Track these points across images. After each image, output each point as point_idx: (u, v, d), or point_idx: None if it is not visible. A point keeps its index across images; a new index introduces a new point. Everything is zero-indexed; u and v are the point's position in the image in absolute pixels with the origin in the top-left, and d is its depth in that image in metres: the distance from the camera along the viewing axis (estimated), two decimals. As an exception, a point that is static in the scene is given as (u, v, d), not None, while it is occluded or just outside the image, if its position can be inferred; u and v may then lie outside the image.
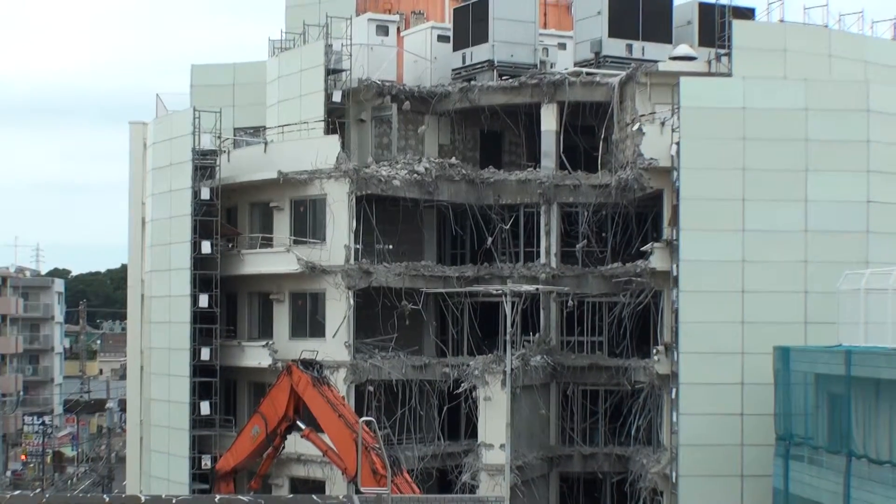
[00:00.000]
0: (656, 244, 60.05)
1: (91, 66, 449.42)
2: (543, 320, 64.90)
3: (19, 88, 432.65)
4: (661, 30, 67.24)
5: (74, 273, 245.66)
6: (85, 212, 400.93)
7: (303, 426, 53.51)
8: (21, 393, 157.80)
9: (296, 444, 56.78)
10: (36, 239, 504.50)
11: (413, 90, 68.47)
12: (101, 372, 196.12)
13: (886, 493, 41.71)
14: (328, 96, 66.03)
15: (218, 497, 47.04)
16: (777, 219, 56.78)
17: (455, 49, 69.44)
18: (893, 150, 57.61)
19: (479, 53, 67.89)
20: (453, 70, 69.46)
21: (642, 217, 64.03)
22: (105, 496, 71.95)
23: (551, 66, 68.45)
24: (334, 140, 63.45)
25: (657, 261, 59.52)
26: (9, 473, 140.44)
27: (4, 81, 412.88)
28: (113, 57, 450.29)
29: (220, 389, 65.37)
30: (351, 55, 67.00)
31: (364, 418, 51.71)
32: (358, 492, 46.33)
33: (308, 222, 64.07)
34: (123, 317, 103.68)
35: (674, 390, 57.52)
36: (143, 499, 43.51)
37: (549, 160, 66.17)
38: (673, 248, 57.94)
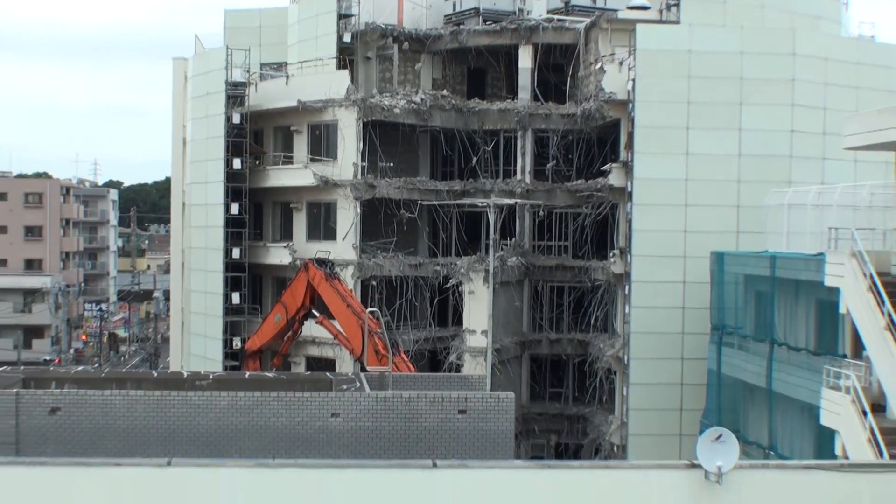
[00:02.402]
0: (614, 165, 60.22)
1: (142, 10, 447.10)
2: (519, 227, 64.95)
3: (77, 27, 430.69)
4: (621, -16, 67.10)
5: (126, 184, 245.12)
6: (135, 133, 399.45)
7: (317, 314, 53.73)
8: (82, 284, 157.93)
9: (311, 328, 57.06)
10: (94, 155, 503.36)
11: (411, 33, 68.35)
12: (148, 267, 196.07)
13: (801, 374, 41.94)
14: (340, 37, 65.86)
15: (247, 373, 47.25)
16: (715, 144, 56.81)
17: (447, -1, 69.44)
18: (814, 87, 57.61)
19: (467, 2, 67.80)
20: (445, 16, 69.27)
21: (603, 142, 63.92)
22: (153, 371, 72.01)
23: (528, 14, 68.29)
24: (345, 74, 63.40)
25: (615, 178, 59.64)
26: (72, 351, 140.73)
27: (70, 20, 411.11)
28: (160, 3, 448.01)
29: (248, 283, 65.50)
30: (359, 2, 66.82)
31: (369, 309, 52.02)
32: (363, 369, 46.59)
33: (322, 143, 63.95)
34: (167, 221, 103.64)
35: (627, 287, 57.83)
36: (184, 374, 43.57)
37: (525, 93, 66.09)
38: (628, 168, 58.01)
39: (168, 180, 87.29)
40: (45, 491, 18.16)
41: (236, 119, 64.92)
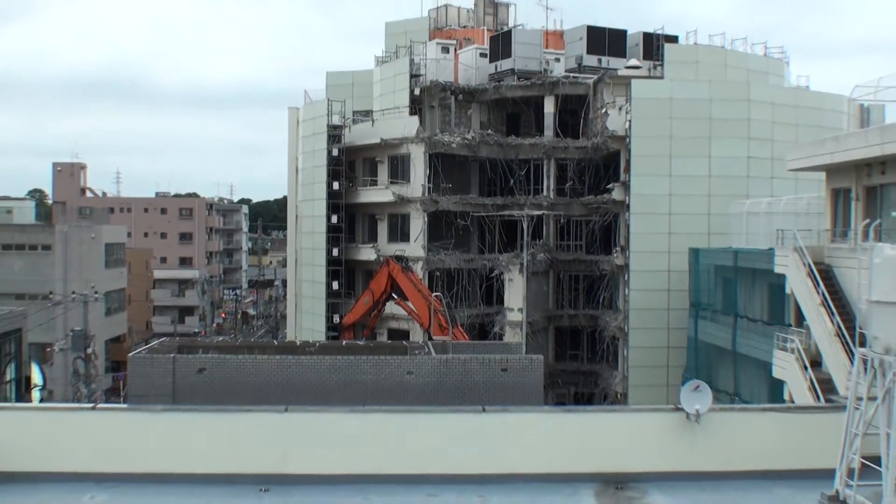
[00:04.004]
0: (616, 184, 60.17)
1: (266, 72, 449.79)
2: (545, 231, 64.77)
3: (218, 83, 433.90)
4: (619, 49, 66.86)
5: (254, 201, 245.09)
6: (260, 162, 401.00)
7: (396, 297, 53.89)
8: (222, 275, 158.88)
9: (391, 308, 57.19)
10: (230, 179, 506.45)
11: (464, 87, 68.26)
12: (270, 262, 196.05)
13: (758, 339, 41.88)
14: (411, 91, 66.03)
15: (344, 342, 47.44)
16: (691, 168, 56.81)
17: (490, 62, 69.10)
18: (765, 124, 57.62)
19: (505, 64, 67.53)
20: (489, 75, 69.09)
21: (607, 167, 63.65)
22: (274, 341, 72.24)
23: (551, 72, 68.13)
24: (415, 119, 63.49)
25: (617, 194, 59.68)
26: (214, 325, 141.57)
27: (213, 78, 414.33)
28: (279, 67, 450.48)
29: (344, 274, 65.60)
30: (426, 66, 67.02)
31: (435, 292, 52.12)
32: (430, 338, 46.69)
33: (399, 170, 64.15)
34: (285, 228, 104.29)
35: (626, 275, 57.80)
36: (297, 342, 43.79)
37: (549, 131, 65.81)
38: (626, 186, 57.94)
39: (285, 198, 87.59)
40: (194, 431, 18.36)
41: (335, 152, 65.14)
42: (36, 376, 64.98)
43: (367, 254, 65.05)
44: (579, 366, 65.28)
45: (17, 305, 69.21)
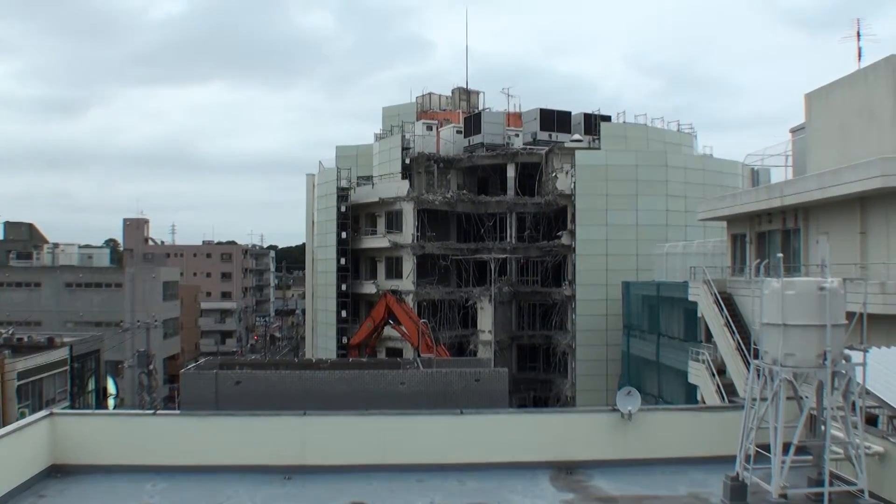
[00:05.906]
0: (564, 232, 60.15)
1: (287, 145, 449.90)
2: (509, 269, 64.81)
3: (250, 154, 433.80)
4: (565, 127, 67.18)
5: (280, 246, 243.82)
6: (284, 215, 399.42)
7: (392, 322, 53.86)
8: (254, 306, 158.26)
9: (388, 331, 57.09)
10: (261, 229, 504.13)
11: (444, 157, 68.33)
12: (293, 295, 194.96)
13: (676, 352, 41.94)
14: (403, 161, 66.43)
15: (351, 359, 47.28)
16: (623, 219, 57.06)
17: (465, 137, 69.37)
18: (679, 185, 58.05)
19: (476, 139, 67.81)
20: (464, 147, 69.33)
21: (557, 218, 63.87)
22: (295, 358, 71.67)
23: (512, 145, 68.47)
24: (405, 182, 63.62)
25: (565, 240, 59.65)
26: (248, 345, 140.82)
27: (247, 150, 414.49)
28: (296, 141, 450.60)
29: (350, 304, 65.51)
30: (414, 140, 67.28)
31: (422, 319, 52.10)
32: (419, 356, 46.61)
33: (393, 222, 64.11)
34: (304, 268, 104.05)
35: (573, 303, 57.79)
36: (314, 360, 43.62)
37: (511, 191, 66.03)
38: (572, 234, 58.09)
39: (304, 244, 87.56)
40: (232, 431, 18.35)
41: (343, 209, 65.20)
42: (111, 387, 64.77)
43: (368, 288, 64.86)
44: (537, 375, 65.14)
45: (96, 331, 69.09)
